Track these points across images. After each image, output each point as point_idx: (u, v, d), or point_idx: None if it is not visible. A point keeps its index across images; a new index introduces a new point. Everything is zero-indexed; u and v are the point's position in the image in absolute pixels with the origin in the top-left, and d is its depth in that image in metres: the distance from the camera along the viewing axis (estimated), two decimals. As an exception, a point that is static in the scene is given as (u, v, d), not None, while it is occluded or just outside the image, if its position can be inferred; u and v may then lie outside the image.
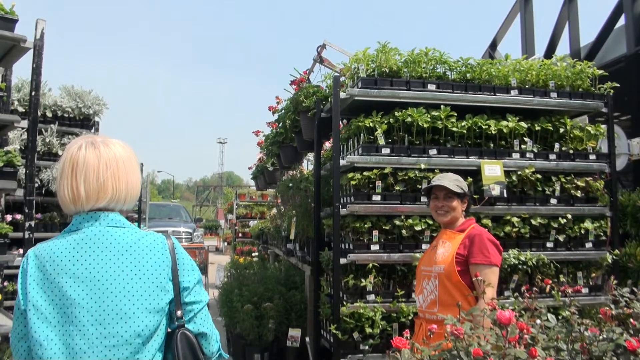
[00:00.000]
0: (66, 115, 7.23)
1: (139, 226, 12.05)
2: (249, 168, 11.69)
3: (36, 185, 6.73)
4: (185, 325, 2.21)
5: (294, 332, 5.91)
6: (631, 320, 3.07)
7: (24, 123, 4.84)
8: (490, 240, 3.73)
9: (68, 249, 2.14)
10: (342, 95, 5.00)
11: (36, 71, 4.70)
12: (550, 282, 4.68)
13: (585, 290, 5.35)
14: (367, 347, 4.77)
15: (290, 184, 6.79)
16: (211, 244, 29.49)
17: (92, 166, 2.18)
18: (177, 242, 2.31)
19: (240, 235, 17.35)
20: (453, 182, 3.92)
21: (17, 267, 5.72)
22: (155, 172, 78.35)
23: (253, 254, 13.82)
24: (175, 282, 2.20)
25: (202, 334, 2.26)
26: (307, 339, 5.64)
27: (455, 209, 3.89)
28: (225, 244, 26.68)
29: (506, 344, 2.22)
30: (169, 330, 2.20)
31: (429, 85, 5.14)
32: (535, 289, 3.52)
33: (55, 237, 2.22)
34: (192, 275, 2.26)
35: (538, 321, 2.95)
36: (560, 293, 3.26)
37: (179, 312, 2.18)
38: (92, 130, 7.48)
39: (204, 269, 10.20)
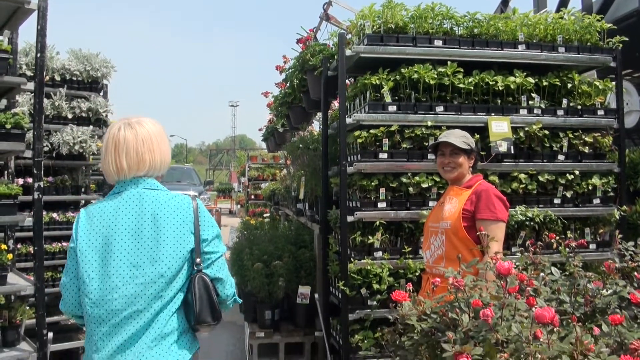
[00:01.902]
0: (74, 78, 7.22)
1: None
2: (260, 130, 11.68)
3: (47, 148, 6.75)
4: (203, 270, 2.67)
5: (304, 290, 5.98)
6: (635, 274, 3.09)
7: (31, 86, 4.84)
8: (496, 196, 3.74)
9: (112, 206, 2.68)
10: (348, 52, 4.97)
11: (41, 33, 4.70)
12: (555, 236, 4.71)
13: (592, 247, 5.36)
14: (374, 303, 4.83)
15: (300, 145, 6.80)
16: (224, 207, 29.69)
17: (131, 143, 2.71)
18: (200, 203, 2.78)
19: (252, 197, 17.46)
20: (460, 138, 3.91)
21: (29, 230, 5.83)
22: (168, 136, 78.33)
23: (264, 215, 13.90)
24: (196, 234, 2.67)
25: (218, 279, 2.72)
26: (317, 296, 5.71)
27: (461, 165, 3.90)
28: (239, 206, 26.82)
29: (505, 294, 2.24)
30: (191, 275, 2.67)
31: (435, 41, 5.10)
32: (540, 243, 3.55)
33: (102, 199, 2.78)
34: (211, 230, 2.73)
35: (542, 275, 2.98)
36: (566, 249, 3.29)
37: (198, 260, 2.66)
38: (101, 94, 7.49)
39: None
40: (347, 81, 5.56)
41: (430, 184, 4.92)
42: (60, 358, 6.94)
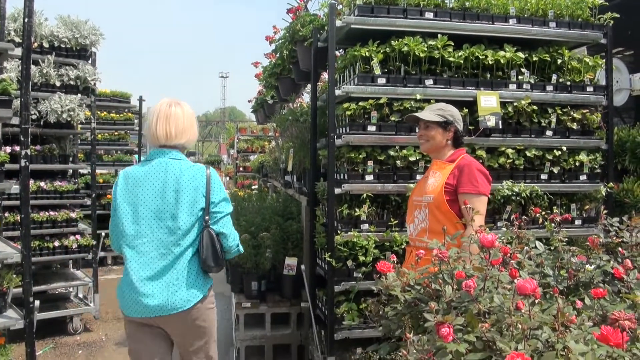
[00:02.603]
0: (63, 45, 7.15)
1: (139, 158, 12.13)
2: (249, 101, 11.62)
3: (34, 116, 6.71)
4: (210, 226, 3.46)
5: (291, 261, 6.00)
6: (620, 249, 3.12)
7: (19, 52, 4.79)
8: (479, 170, 3.76)
9: (143, 171, 3.48)
10: (338, 23, 4.93)
11: (28, -4, 4.63)
12: (540, 211, 4.74)
13: (578, 222, 5.39)
14: (360, 275, 4.86)
15: (290, 117, 6.78)
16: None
17: (180, 117, 3.58)
18: (214, 171, 3.60)
19: (241, 169, 17.43)
20: (433, 111, 3.92)
21: (17, 198, 5.83)
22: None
23: (253, 187, 13.89)
24: (207, 197, 3.47)
25: (222, 233, 3.50)
26: (303, 267, 5.73)
27: (433, 138, 3.91)
28: (228, 178, 26.79)
29: (488, 267, 2.26)
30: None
31: (426, 13, 5.07)
32: (525, 218, 3.57)
33: (137, 164, 3.63)
34: (219, 194, 3.52)
35: (526, 249, 3.00)
36: (551, 223, 3.31)
37: (206, 217, 3.45)
38: (89, 62, 7.42)
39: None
40: (337, 53, 5.53)
41: (417, 158, 4.92)
42: (47, 326, 6.99)
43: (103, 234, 10.83)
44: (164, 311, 3.32)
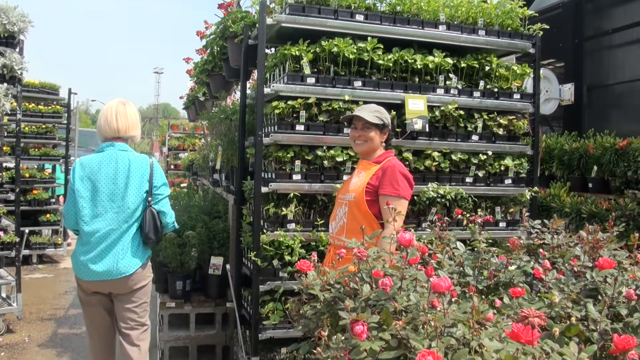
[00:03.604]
0: (-10, 33, 6.90)
1: (66, 152, 11.82)
2: (180, 98, 11.46)
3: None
4: (152, 205, 4.24)
5: (216, 260, 5.93)
6: (541, 250, 3.19)
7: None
8: (402, 174, 3.83)
9: (97, 160, 4.18)
10: (269, 20, 4.89)
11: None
12: (462, 212, 4.82)
13: (502, 225, 5.50)
14: (285, 275, 4.84)
15: (222, 115, 6.70)
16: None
17: (129, 114, 4.34)
18: (155, 161, 4.39)
19: (172, 167, 17.17)
20: (372, 113, 3.96)
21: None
22: (89, 101, 75.66)
23: (182, 185, 13.72)
24: (150, 181, 4.24)
25: (162, 212, 4.30)
26: (228, 267, 5.68)
27: (372, 140, 3.96)
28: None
29: (406, 266, 2.26)
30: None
31: (357, 15, 5.08)
32: (447, 219, 3.61)
33: (91, 155, 4.28)
34: (160, 180, 4.31)
35: (447, 249, 3.03)
36: (475, 225, 3.35)
37: (149, 199, 4.23)
38: (17, 50, 7.17)
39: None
40: (267, 51, 5.50)
41: (345, 158, 4.94)
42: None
43: (27, 230, 10.53)
44: (111, 276, 4.08)
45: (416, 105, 5.07)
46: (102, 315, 4.30)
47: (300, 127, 4.90)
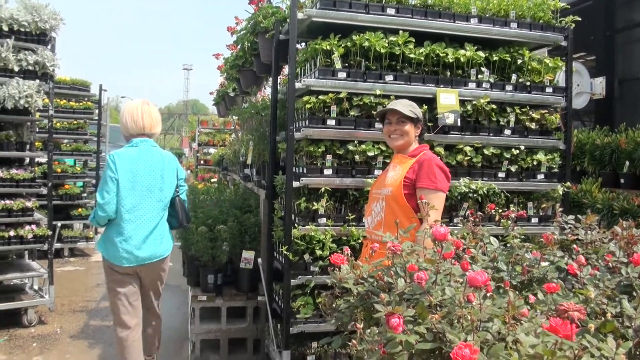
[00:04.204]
0: (22, 29, 6.97)
1: (97, 147, 11.95)
2: (210, 94, 11.52)
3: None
4: (179, 195, 4.92)
5: (248, 254, 5.96)
6: (574, 246, 3.15)
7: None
8: (438, 167, 3.79)
9: (135, 153, 4.69)
10: (300, 15, 4.90)
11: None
12: (495, 207, 4.78)
13: (535, 220, 5.46)
14: (316, 269, 4.86)
15: (253, 110, 6.72)
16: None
17: (153, 113, 4.86)
18: (175, 157, 5.01)
19: (202, 162, 17.27)
20: (407, 107, 3.95)
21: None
22: (119, 97, 76.33)
23: (212, 181, 13.80)
24: (177, 175, 4.90)
25: (185, 201, 5.03)
26: (260, 261, 5.70)
27: (407, 134, 3.95)
28: (189, 172, 26.59)
29: (441, 260, 2.26)
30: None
31: (388, 9, 5.07)
32: (480, 213, 3.60)
33: (124, 148, 4.79)
34: (183, 174, 5.00)
35: (480, 244, 3.01)
36: (508, 221, 3.34)
37: (177, 190, 4.89)
38: (49, 47, 7.26)
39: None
40: (298, 46, 5.50)
41: (376, 153, 4.93)
42: (1, 318, 6.86)
43: (59, 224, 10.67)
44: (152, 259, 4.69)
45: (448, 99, 5.05)
46: (134, 285, 4.81)
47: (331, 122, 4.90)
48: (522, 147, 5.41)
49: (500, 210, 4.92)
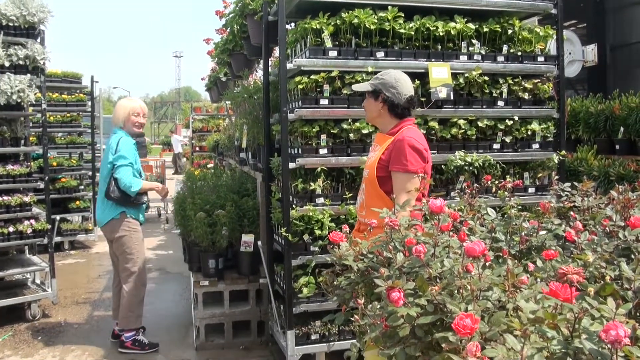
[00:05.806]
0: (11, 24, 6.92)
1: (92, 139, 11.89)
2: (202, 79, 11.48)
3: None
4: (114, 174, 5.68)
5: (247, 238, 5.98)
6: (571, 213, 3.16)
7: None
8: (410, 146, 3.57)
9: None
10: (288, -6, 4.89)
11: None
12: (491, 178, 4.79)
13: (531, 190, 5.47)
14: (316, 249, 4.88)
15: (246, 94, 6.71)
16: (169, 160, 29.23)
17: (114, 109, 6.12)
18: (123, 139, 5.79)
19: (197, 149, 17.26)
20: (368, 82, 3.83)
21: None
22: (111, 88, 76.38)
23: (209, 166, 13.79)
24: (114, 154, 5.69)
25: (118, 178, 5.63)
26: (260, 244, 5.72)
27: (369, 109, 3.81)
28: (185, 159, 26.53)
29: (438, 232, 2.26)
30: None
31: (376, -16, 5.05)
32: (476, 185, 3.59)
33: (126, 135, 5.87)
34: (119, 153, 5.67)
35: (478, 215, 3.02)
36: (504, 191, 3.34)
37: (113, 167, 5.69)
38: (38, 40, 7.22)
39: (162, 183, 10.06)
40: (287, 26, 5.49)
41: (370, 130, 4.93)
42: (5, 314, 6.87)
43: (58, 218, 10.66)
44: (98, 225, 6.03)
45: (440, 73, 5.04)
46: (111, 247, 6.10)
47: (324, 102, 4.90)
48: (516, 118, 5.42)
49: (496, 182, 4.93)
